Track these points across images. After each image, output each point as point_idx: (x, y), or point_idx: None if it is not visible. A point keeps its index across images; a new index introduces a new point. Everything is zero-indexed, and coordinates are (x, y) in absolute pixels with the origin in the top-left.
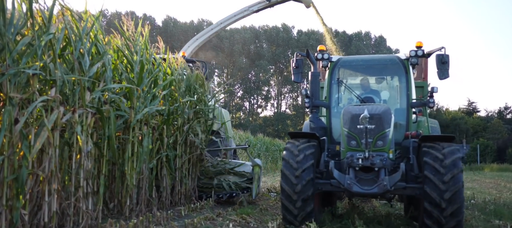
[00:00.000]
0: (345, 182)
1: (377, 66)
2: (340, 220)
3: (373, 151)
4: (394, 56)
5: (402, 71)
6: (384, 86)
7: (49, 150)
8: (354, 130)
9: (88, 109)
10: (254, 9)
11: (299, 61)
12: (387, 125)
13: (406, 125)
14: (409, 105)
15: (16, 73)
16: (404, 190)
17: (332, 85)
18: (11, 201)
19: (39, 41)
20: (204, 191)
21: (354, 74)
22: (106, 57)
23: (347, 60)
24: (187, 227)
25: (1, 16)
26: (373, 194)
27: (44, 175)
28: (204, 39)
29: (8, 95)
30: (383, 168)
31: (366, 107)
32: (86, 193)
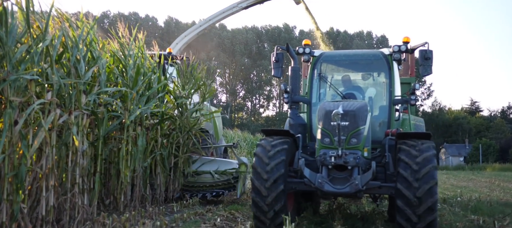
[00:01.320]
0: (316, 181)
1: (360, 61)
2: (321, 219)
3: (347, 149)
4: (378, 51)
5: (386, 67)
6: (367, 82)
7: (46, 149)
8: (327, 126)
9: (84, 111)
10: (243, 5)
11: (280, 55)
12: (361, 122)
13: (387, 122)
14: (391, 102)
15: (15, 79)
16: (379, 189)
17: (314, 81)
18: (11, 195)
19: (36, 48)
20: (189, 190)
21: (336, 69)
22: (100, 62)
23: (329, 55)
24: (176, 221)
25: (4, 27)
26: (345, 193)
27: (42, 172)
28: (193, 36)
29: (9, 99)
30: (357, 167)
31: (341, 103)
32: (81, 189)
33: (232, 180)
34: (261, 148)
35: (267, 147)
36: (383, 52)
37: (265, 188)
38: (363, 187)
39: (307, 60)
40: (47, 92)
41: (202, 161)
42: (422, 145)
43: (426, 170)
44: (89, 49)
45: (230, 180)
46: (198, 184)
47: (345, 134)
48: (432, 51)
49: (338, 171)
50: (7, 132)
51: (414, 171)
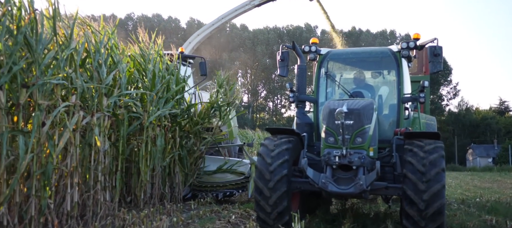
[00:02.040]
0: (320, 181)
1: (368, 59)
2: (333, 217)
3: (352, 148)
4: (386, 48)
5: (394, 65)
6: (375, 80)
7: (71, 149)
8: (331, 125)
9: (105, 113)
10: (255, 3)
11: (285, 54)
12: (366, 120)
13: (396, 121)
14: (400, 100)
15: (43, 83)
16: (386, 190)
17: (320, 79)
18: (39, 192)
19: (62, 54)
20: (201, 189)
21: (343, 67)
22: (120, 67)
23: (336, 53)
24: (193, 218)
25: (34, 35)
26: (350, 194)
27: (67, 170)
28: (206, 35)
29: (37, 102)
30: (362, 167)
31: (346, 102)
32: (104, 187)
33: (244, 179)
34: (264, 148)
35: (270, 146)
36: (391, 50)
37: (267, 189)
38: (368, 187)
39: (313, 59)
40: (71, 96)
41: (212, 161)
42: (429, 146)
43: (434, 173)
44: (110, 54)
45: (242, 180)
46: (210, 183)
47: (350, 133)
48: (441, 47)
49: (343, 171)
50: (36, 132)
51: (421, 173)
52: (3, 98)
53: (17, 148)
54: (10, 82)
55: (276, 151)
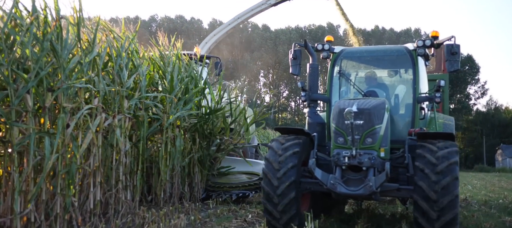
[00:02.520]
0: (328, 182)
1: (383, 58)
2: (348, 217)
3: (362, 149)
4: (402, 46)
5: (410, 63)
6: (391, 79)
7: (93, 149)
8: (341, 125)
9: (126, 115)
10: (271, 2)
11: (297, 52)
12: (377, 120)
13: (411, 121)
14: (415, 100)
15: (67, 87)
16: (398, 192)
17: (333, 78)
18: (64, 190)
19: (85, 59)
20: (215, 190)
21: (357, 66)
22: (141, 70)
23: (350, 51)
24: (210, 216)
25: (59, 42)
26: (359, 195)
27: (90, 170)
28: (222, 35)
29: (62, 105)
30: (372, 168)
31: (356, 101)
32: (125, 186)
33: (258, 180)
34: (272, 152)
35: (278, 151)
36: (407, 48)
37: (276, 195)
38: (378, 189)
39: (326, 57)
40: (94, 99)
41: (231, 162)
42: (442, 149)
43: (446, 181)
44: (130, 58)
45: (256, 181)
46: (223, 184)
47: (360, 133)
48: (459, 45)
49: (353, 171)
50: (61, 134)
51: (433, 181)
52: (31, 101)
53: (44, 149)
54: (37, 86)
55: (284, 155)
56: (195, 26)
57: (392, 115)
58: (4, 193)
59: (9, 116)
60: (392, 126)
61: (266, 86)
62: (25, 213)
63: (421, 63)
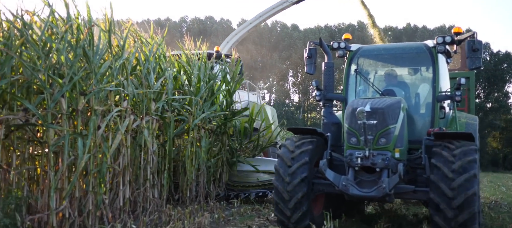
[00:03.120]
0: (340, 183)
1: (401, 55)
2: (368, 217)
3: (375, 149)
4: (421, 44)
5: (429, 61)
6: (410, 77)
7: (123, 150)
8: (354, 125)
9: (154, 117)
10: (293, 0)
11: (313, 51)
12: (391, 120)
13: (430, 120)
14: (435, 99)
15: (98, 90)
16: (414, 194)
17: (350, 77)
18: (95, 188)
19: (115, 64)
20: (234, 189)
21: (375, 64)
22: (167, 73)
23: (367, 49)
24: (234, 215)
25: (91, 48)
26: (372, 197)
27: (120, 169)
28: (243, 34)
29: (93, 108)
30: (386, 169)
31: (369, 101)
32: (152, 184)
33: None
34: (285, 149)
35: (291, 148)
36: (426, 45)
37: (286, 192)
38: (391, 191)
39: (342, 56)
40: (123, 101)
41: (259, 162)
42: (459, 149)
43: (463, 180)
44: (158, 62)
45: None
46: (242, 183)
47: (373, 133)
48: (481, 42)
49: (367, 173)
50: (92, 135)
51: (449, 179)
52: (65, 105)
53: (77, 149)
54: (70, 90)
55: (297, 152)
56: (224, 27)
57: (411, 114)
58: (41, 190)
59: (46, 119)
60: (410, 126)
61: (295, 86)
62: (60, 209)
63: (442, 61)
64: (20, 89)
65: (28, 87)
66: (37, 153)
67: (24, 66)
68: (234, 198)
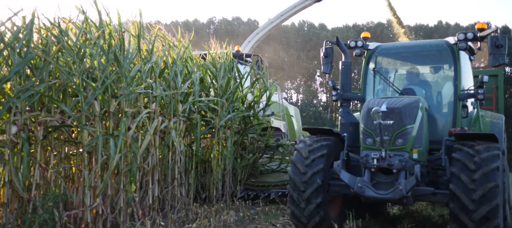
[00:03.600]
0: (356, 185)
1: (421, 53)
2: (394, 218)
3: (392, 150)
4: (442, 41)
5: (451, 58)
6: (430, 76)
7: (151, 150)
8: (369, 126)
9: (181, 118)
10: None
11: (329, 50)
12: (408, 120)
13: (452, 120)
14: (456, 97)
15: (129, 93)
16: (433, 197)
17: (368, 76)
18: (126, 186)
19: (144, 68)
20: (253, 189)
21: (394, 63)
22: (194, 76)
23: (386, 47)
24: (258, 213)
25: (122, 53)
26: (388, 199)
27: (149, 168)
28: (264, 33)
29: (124, 110)
30: (403, 170)
31: (386, 100)
32: (180, 183)
33: None
34: (298, 155)
35: (304, 153)
36: (447, 42)
37: (302, 200)
38: (408, 193)
39: (359, 55)
40: (152, 103)
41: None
42: (481, 153)
43: (485, 189)
44: (185, 65)
45: None
46: (261, 183)
47: (390, 134)
48: (505, 37)
49: (384, 174)
50: (123, 136)
51: (470, 190)
52: (98, 107)
53: (109, 149)
54: (103, 93)
55: (310, 158)
56: (251, 27)
57: (432, 113)
58: (77, 188)
59: (80, 120)
60: (432, 126)
61: (323, 86)
62: (94, 206)
63: (464, 58)
64: (56, 92)
65: (64, 90)
66: (72, 152)
67: (61, 71)
68: (254, 198)
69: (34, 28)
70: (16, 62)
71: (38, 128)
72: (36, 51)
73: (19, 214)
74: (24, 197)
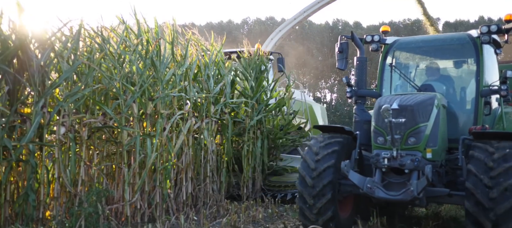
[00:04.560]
0: (365, 186)
1: (442, 47)
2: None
3: (404, 150)
4: (465, 34)
5: (473, 52)
6: (451, 71)
7: (185, 149)
8: (380, 124)
9: (213, 119)
10: None
11: (344, 45)
12: (422, 118)
13: (473, 117)
14: (478, 93)
15: (164, 96)
16: (449, 198)
17: (385, 72)
18: (162, 183)
19: (178, 71)
20: (270, 189)
21: (413, 57)
22: (226, 78)
23: (405, 41)
24: (287, 210)
25: (158, 58)
26: (399, 201)
27: (182, 167)
28: (287, 30)
29: (159, 111)
30: (416, 170)
31: (398, 97)
32: (212, 181)
33: None
34: (309, 151)
35: (315, 149)
36: (470, 35)
37: (311, 197)
38: (420, 194)
39: (375, 50)
40: (185, 105)
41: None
42: (500, 150)
43: (503, 187)
44: (217, 68)
45: None
46: (278, 183)
47: (402, 132)
48: None
49: (396, 174)
50: (159, 136)
51: (487, 187)
52: (136, 109)
53: (146, 148)
54: (140, 96)
55: (321, 154)
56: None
57: (453, 110)
58: (117, 184)
59: (120, 121)
60: (452, 123)
61: None
62: (133, 201)
63: (488, 52)
64: (99, 96)
65: (105, 94)
66: (113, 151)
67: (103, 76)
68: (271, 198)
69: (80, 37)
70: (65, 69)
71: (83, 129)
72: (82, 58)
73: (67, 207)
74: (71, 191)
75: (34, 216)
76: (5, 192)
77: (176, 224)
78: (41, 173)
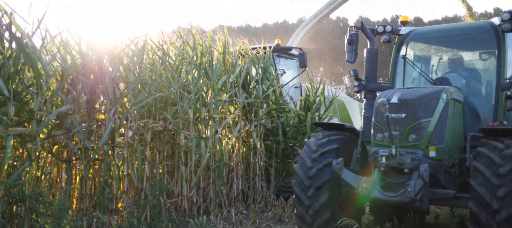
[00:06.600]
0: (360, 186)
1: (461, 37)
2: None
3: (404, 147)
4: (486, 22)
5: (494, 42)
6: (471, 62)
7: (235, 149)
8: (379, 119)
9: (260, 122)
10: None
11: (354, 37)
12: (424, 113)
13: (493, 112)
14: (499, 87)
15: (216, 101)
16: (455, 201)
17: (398, 64)
18: (215, 181)
19: (228, 79)
20: (285, 190)
21: (428, 49)
22: (273, 84)
23: (420, 31)
24: None
25: (211, 68)
26: (397, 202)
27: (233, 166)
28: (312, 24)
29: (212, 116)
30: (416, 170)
31: (399, 92)
32: (261, 179)
33: None
34: (306, 148)
35: (313, 147)
36: (492, 23)
37: (307, 197)
38: (417, 196)
39: (387, 41)
40: (235, 109)
41: None
42: (510, 147)
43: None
44: (265, 75)
45: None
46: None
47: (402, 129)
48: None
49: (397, 174)
50: (212, 138)
51: (494, 186)
52: (192, 114)
53: (201, 149)
54: (195, 102)
55: (319, 152)
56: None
57: (472, 105)
58: (176, 181)
59: (178, 125)
60: (469, 119)
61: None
62: (190, 196)
63: (511, 41)
64: (160, 103)
65: (165, 101)
66: (173, 152)
67: (163, 86)
68: (285, 200)
69: (144, 52)
70: (131, 80)
71: (147, 132)
72: (145, 70)
73: (135, 200)
74: (138, 187)
75: (109, 207)
76: (85, 186)
77: (228, 216)
78: (113, 171)
